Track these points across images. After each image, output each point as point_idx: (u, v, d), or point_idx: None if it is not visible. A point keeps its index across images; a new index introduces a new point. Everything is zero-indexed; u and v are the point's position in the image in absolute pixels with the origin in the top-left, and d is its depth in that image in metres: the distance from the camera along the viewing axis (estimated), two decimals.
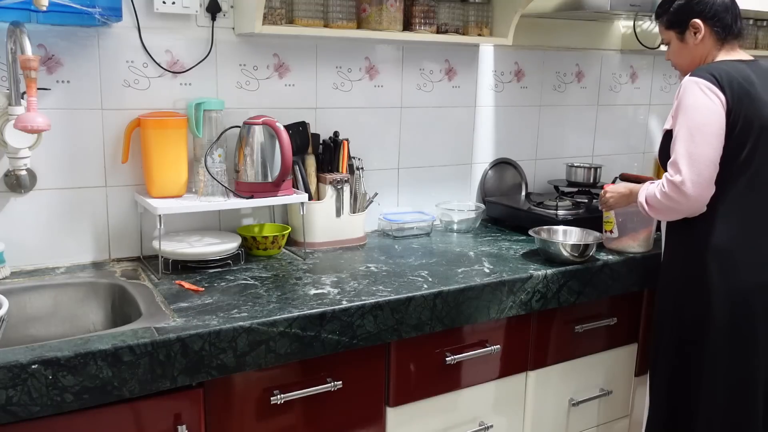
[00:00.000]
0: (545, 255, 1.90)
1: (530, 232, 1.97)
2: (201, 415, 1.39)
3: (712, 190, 1.63)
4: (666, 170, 1.71)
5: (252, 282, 1.66)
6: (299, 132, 1.96)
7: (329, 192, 1.99)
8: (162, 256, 1.70)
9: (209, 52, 1.86)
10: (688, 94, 1.65)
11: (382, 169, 2.23)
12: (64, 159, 1.73)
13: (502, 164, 2.47)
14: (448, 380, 1.73)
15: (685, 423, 1.77)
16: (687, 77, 1.67)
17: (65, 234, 1.76)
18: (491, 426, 1.82)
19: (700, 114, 1.62)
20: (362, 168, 2.09)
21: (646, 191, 1.72)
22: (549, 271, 1.80)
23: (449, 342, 1.70)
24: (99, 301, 1.66)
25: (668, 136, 1.71)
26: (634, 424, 2.17)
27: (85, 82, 1.73)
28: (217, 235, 1.86)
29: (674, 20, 1.76)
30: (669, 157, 1.67)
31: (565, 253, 1.86)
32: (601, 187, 2.40)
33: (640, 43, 2.58)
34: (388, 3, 1.96)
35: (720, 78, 1.63)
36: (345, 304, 1.51)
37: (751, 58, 1.76)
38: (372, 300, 1.54)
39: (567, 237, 2.00)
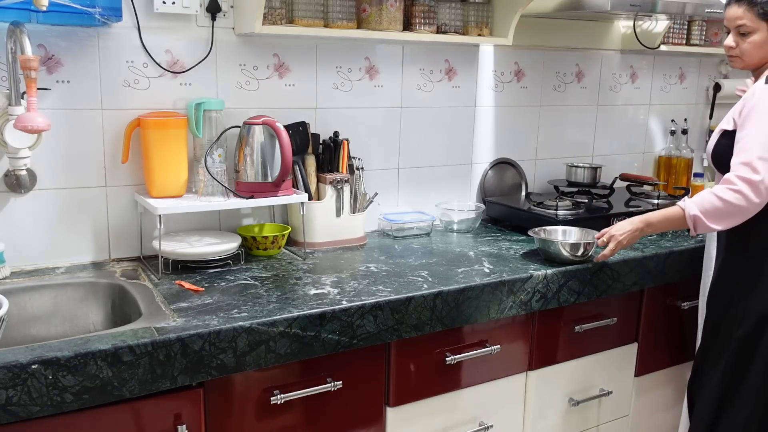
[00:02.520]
0: (545, 255, 1.89)
1: (530, 233, 1.97)
2: (201, 415, 1.39)
3: None
4: (720, 170, 1.76)
5: (252, 282, 1.66)
6: (299, 132, 1.96)
7: (329, 192, 1.99)
8: (162, 256, 1.70)
9: (209, 52, 1.86)
10: (765, 100, 1.65)
11: (382, 169, 2.23)
12: (64, 159, 1.73)
13: (502, 164, 2.47)
14: (448, 380, 1.73)
15: None
16: (764, 85, 1.68)
17: (65, 234, 1.76)
18: (491, 426, 1.82)
19: None
20: (362, 168, 2.09)
21: (698, 204, 1.69)
22: (549, 271, 1.80)
23: (449, 342, 1.70)
24: (99, 301, 1.66)
25: (728, 136, 1.72)
26: (635, 424, 2.17)
27: (85, 82, 1.73)
28: (217, 235, 1.86)
29: None
30: (727, 158, 1.68)
31: (565, 253, 1.86)
32: (608, 189, 2.41)
33: (640, 43, 2.58)
34: (388, 3, 1.96)
35: None
36: (345, 304, 1.51)
37: None
38: (372, 300, 1.54)
39: (566, 237, 2.00)
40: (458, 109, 2.35)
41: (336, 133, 2.05)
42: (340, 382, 1.54)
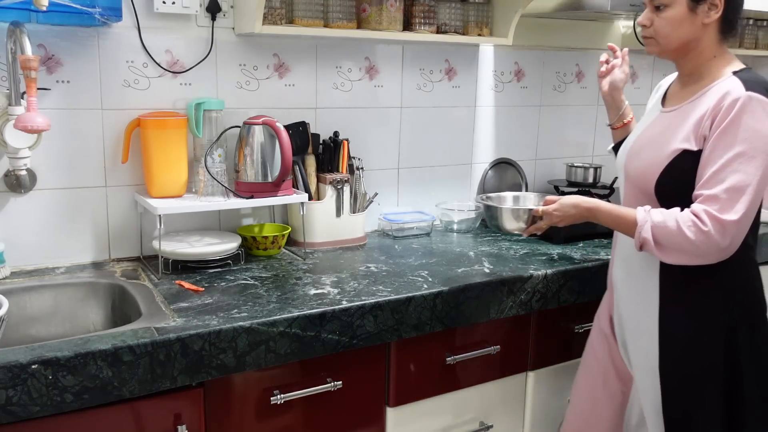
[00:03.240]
0: (491, 222, 1.79)
1: (477, 199, 1.88)
2: (201, 415, 1.39)
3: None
4: (664, 203, 1.42)
5: (252, 282, 1.66)
6: (299, 132, 1.96)
7: (329, 192, 1.99)
8: (162, 256, 1.70)
9: (209, 52, 1.86)
10: (752, 116, 1.32)
11: (382, 169, 2.23)
12: (64, 159, 1.73)
13: (502, 164, 2.47)
14: (448, 380, 1.73)
15: None
16: (747, 93, 1.33)
17: (65, 234, 1.76)
18: (491, 426, 1.83)
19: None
20: (362, 168, 2.09)
21: (654, 227, 1.37)
22: (549, 271, 1.80)
23: (449, 342, 1.70)
24: (99, 301, 1.66)
25: (688, 159, 1.39)
26: None
27: (85, 82, 1.73)
28: (217, 235, 1.86)
29: None
30: (682, 187, 1.39)
31: (506, 221, 1.75)
32: (608, 189, 2.41)
33: (641, 43, 2.55)
34: (388, 3, 1.96)
35: None
36: (345, 304, 1.51)
37: None
38: (372, 300, 1.54)
39: (517, 204, 1.91)
40: (458, 109, 2.35)
41: (336, 133, 2.05)
42: (340, 382, 1.54)
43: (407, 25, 2.06)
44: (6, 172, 1.67)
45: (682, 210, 1.36)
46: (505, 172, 2.48)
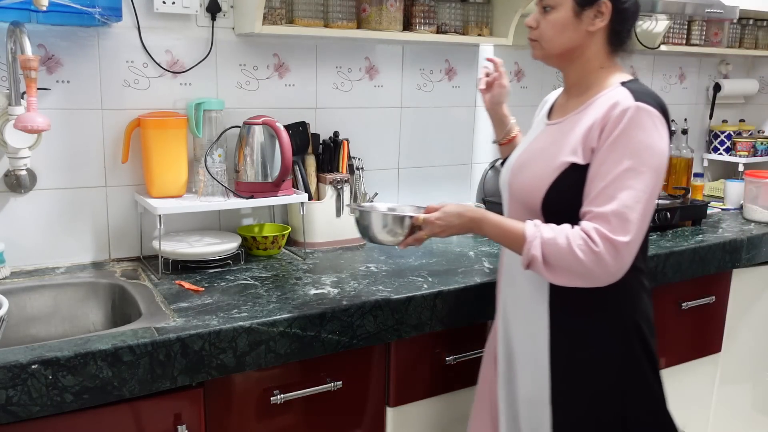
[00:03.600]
0: (363, 234, 1.55)
1: (350, 207, 1.67)
2: (201, 415, 1.39)
3: None
4: (551, 218, 1.32)
5: (252, 282, 1.66)
6: (299, 132, 1.96)
7: (329, 192, 1.99)
8: (162, 256, 1.70)
9: (209, 52, 1.86)
10: (641, 128, 1.25)
11: (382, 169, 2.23)
12: (64, 159, 1.73)
13: (502, 164, 2.47)
14: (448, 380, 1.73)
15: None
16: (636, 103, 1.25)
17: (65, 234, 1.76)
18: None
19: (658, 160, 1.26)
20: (362, 168, 2.09)
21: (544, 245, 1.26)
22: None
23: (449, 342, 1.70)
24: (99, 301, 1.66)
25: (576, 172, 1.30)
26: None
27: (85, 82, 1.73)
28: (217, 235, 1.86)
29: None
30: (569, 203, 1.30)
31: (377, 230, 1.51)
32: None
33: (640, 43, 2.58)
34: (388, 3, 1.96)
35: (664, 109, 1.30)
36: (345, 304, 1.51)
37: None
38: (372, 300, 1.54)
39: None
40: (458, 109, 2.34)
41: (336, 133, 2.05)
42: (340, 382, 1.54)
43: (407, 25, 2.06)
44: (6, 172, 1.67)
45: (573, 227, 1.26)
46: None
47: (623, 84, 1.32)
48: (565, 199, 1.31)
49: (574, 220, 1.29)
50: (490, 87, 1.64)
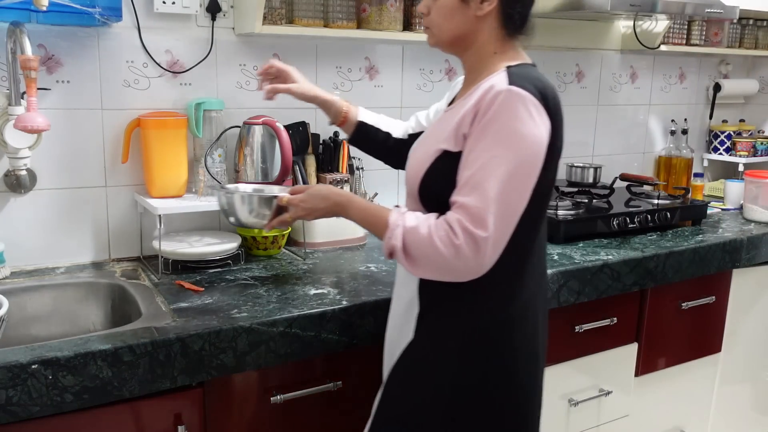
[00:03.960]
0: (228, 217, 1.53)
1: (217, 190, 1.60)
2: (201, 415, 1.39)
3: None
4: (427, 206, 1.25)
5: (252, 282, 1.66)
6: (299, 132, 1.96)
7: None
8: (162, 256, 1.70)
9: (209, 52, 1.86)
10: (512, 113, 1.15)
11: (382, 169, 2.22)
12: (64, 159, 1.73)
13: None
14: None
15: None
16: (508, 87, 1.16)
17: (65, 234, 1.76)
18: None
19: (529, 149, 1.16)
20: (362, 168, 2.08)
21: (406, 233, 1.18)
22: (549, 271, 1.80)
23: None
24: (99, 301, 1.66)
25: (448, 159, 1.21)
26: (634, 424, 2.17)
27: (85, 82, 1.73)
28: (217, 235, 1.86)
29: None
30: (442, 191, 1.20)
31: (244, 214, 1.48)
32: (608, 189, 2.41)
33: (640, 43, 2.58)
34: (388, 3, 1.96)
35: (545, 94, 1.21)
36: (345, 304, 1.51)
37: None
38: (372, 300, 1.54)
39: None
40: None
41: (336, 133, 2.05)
42: (340, 382, 1.54)
43: (407, 25, 2.06)
44: (6, 172, 1.67)
45: (438, 217, 1.18)
46: None
47: (508, 68, 1.24)
48: (439, 187, 1.22)
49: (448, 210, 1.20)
50: (274, 91, 1.55)
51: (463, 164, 1.18)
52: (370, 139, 1.61)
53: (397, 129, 1.62)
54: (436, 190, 1.23)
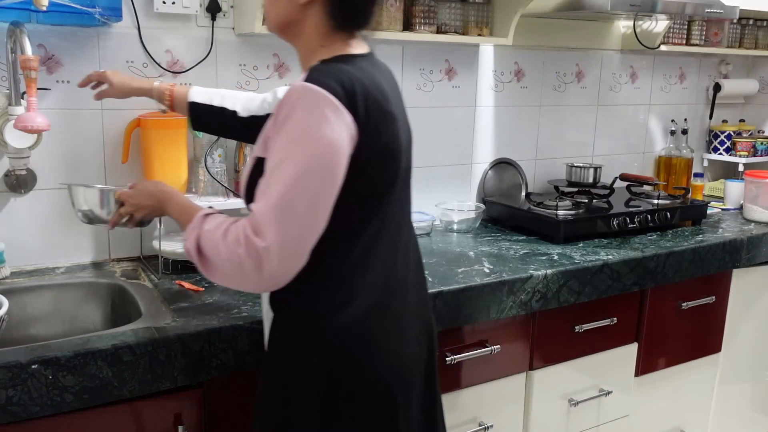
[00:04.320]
0: (76, 210, 1.49)
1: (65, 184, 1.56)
2: (201, 415, 1.39)
3: (304, 261, 1.09)
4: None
5: None
6: None
7: None
8: (162, 256, 1.70)
9: (209, 52, 1.86)
10: (302, 113, 1.06)
11: None
12: (64, 159, 1.73)
13: (502, 164, 2.47)
14: (448, 380, 1.73)
15: None
16: (302, 85, 1.07)
17: (65, 234, 1.76)
18: (491, 426, 1.82)
19: (318, 151, 1.05)
20: None
21: (201, 233, 1.12)
22: (549, 271, 1.80)
23: (449, 342, 1.70)
24: (99, 301, 1.66)
25: (261, 166, 1.11)
26: (635, 424, 2.17)
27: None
28: None
29: None
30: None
31: (86, 208, 1.45)
32: (608, 189, 2.41)
33: (640, 43, 2.58)
34: (388, 3, 1.96)
35: (352, 90, 1.08)
36: None
37: (368, 49, 1.24)
38: None
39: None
40: (458, 109, 2.34)
41: None
42: None
43: (407, 25, 2.06)
44: (6, 172, 1.67)
45: (239, 221, 1.11)
46: (505, 172, 2.48)
47: (322, 62, 1.15)
48: (255, 195, 1.12)
49: None
50: (100, 97, 1.59)
51: (265, 169, 1.10)
52: (211, 120, 1.53)
53: (250, 104, 1.51)
54: (254, 197, 1.12)
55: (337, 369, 1.14)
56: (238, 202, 1.79)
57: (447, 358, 1.70)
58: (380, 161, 1.13)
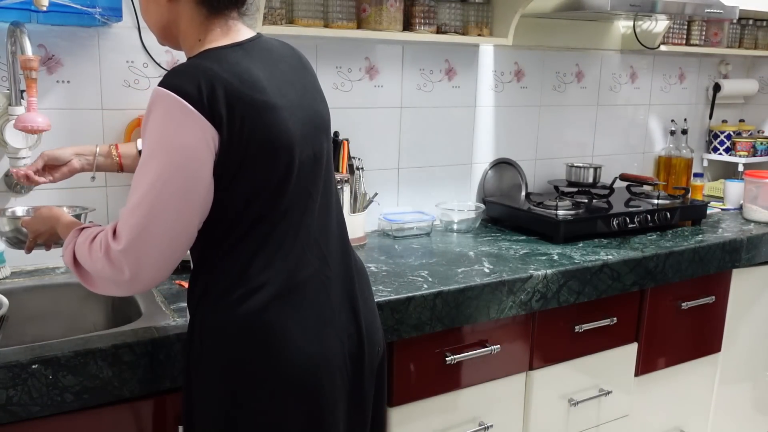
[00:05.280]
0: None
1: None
2: None
3: (170, 270, 1.09)
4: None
5: None
6: None
7: None
8: None
9: None
10: (157, 117, 1.04)
11: (382, 169, 2.23)
12: None
13: (502, 164, 2.47)
14: (448, 380, 1.73)
15: None
16: (156, 87, 1.04)
17: None
18: (491, 426, 1.82)
19: (172, 154, 1.03)
20: (362, 168, 2.09)
21: (76, 245, 1.14)
22: (549, 271, 1.80)
23: (449, 342, 1.70)
24: (99, 301, 1.66)
25: None
26: (634, 424, 2.17)
27: (85, 82, 1.73)
28: None
29: None
30: None
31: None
32: (608, 189, 2.41)
33: (640, 43, 2.58)
34: (388, 3, 1.96)
35: (211, 88, 1.03)
36: None
37: (253, 33, 1.18)
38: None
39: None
40: (458, 109, 2.34)
41: (336, 133, 2.05)
42: None
43: (407, 25, 2.06)
44: (6, 172, 1.67)
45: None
46: (505, 172, 2.48)
47: (188, 59, 1.13)
48: None
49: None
50: (56, 180, 1.51)
51: None
52: None
53: None
54: None
55: (240, 363, 1.11)
56: None
57: (447, 358, 1.70)
58: (261, 155, 1.08)
